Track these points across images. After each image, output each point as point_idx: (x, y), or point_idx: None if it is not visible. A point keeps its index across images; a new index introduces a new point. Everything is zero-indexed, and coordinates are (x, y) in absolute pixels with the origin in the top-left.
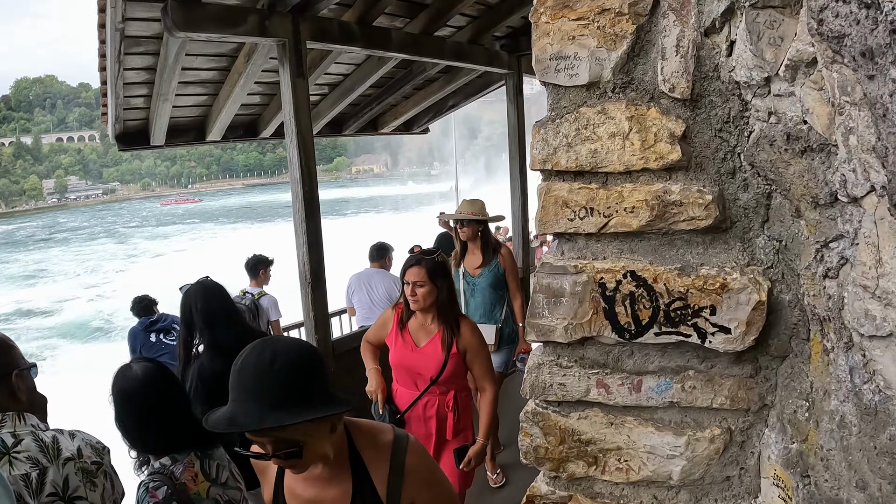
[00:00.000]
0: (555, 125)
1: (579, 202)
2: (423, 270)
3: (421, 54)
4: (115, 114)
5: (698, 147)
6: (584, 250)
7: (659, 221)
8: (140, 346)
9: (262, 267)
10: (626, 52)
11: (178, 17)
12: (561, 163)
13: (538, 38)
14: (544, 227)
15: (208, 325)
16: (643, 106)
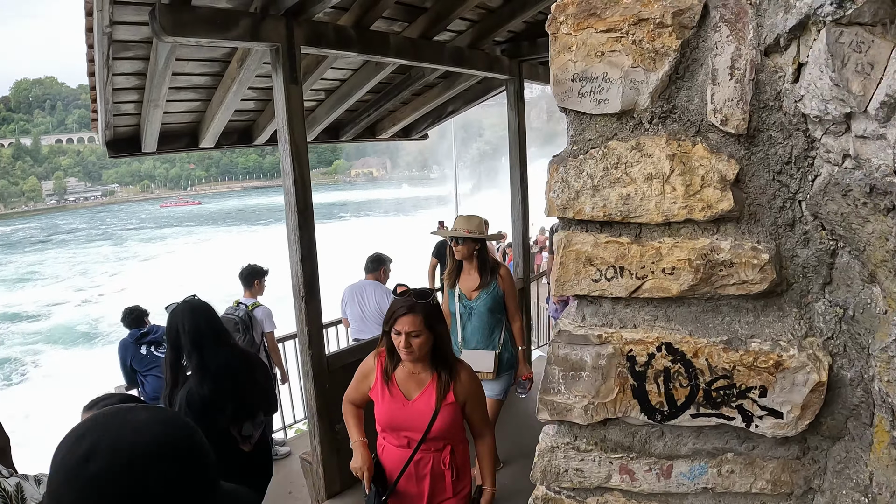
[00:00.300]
0: (577, 163)
1: (607, 259)
2: (419, 319)
3: (420, 59)
4: (105, 120)
5: (752, 193)
6: (611, 316)
7: (703, 286)
8: (131, 358)
9: (256, 277)
10: (667, 73)
11: (167, 21)
12: (585, 210)
13: (557, 52)
14: (563, 287)
15: (196, 347)
16: (688, 141)
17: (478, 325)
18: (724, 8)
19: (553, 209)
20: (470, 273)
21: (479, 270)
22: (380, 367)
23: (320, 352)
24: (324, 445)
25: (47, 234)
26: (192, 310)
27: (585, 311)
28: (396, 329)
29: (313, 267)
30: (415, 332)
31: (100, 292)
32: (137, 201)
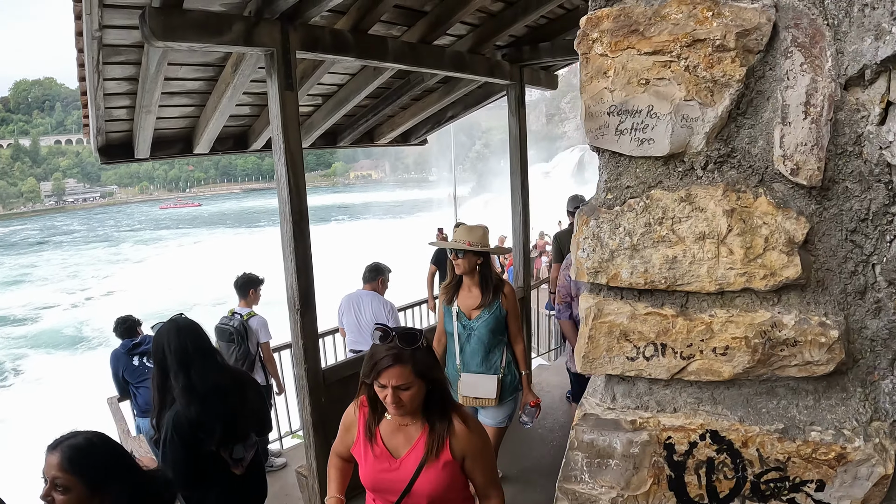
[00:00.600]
0: (612, 215)
1: (646, 334)
2: (408, 369)
3: (419, 64)
4: (96, 125)
5: (821, 256)
6: (647, 398)
7: (760, 367)
8: (122, 369)
9: (251, 287)
10: (727, 108)
11: (157, 25)
12: (621, 275)
13: (589, 78)
14: (591, 365)
15: (183, 368)
16: (749, 193)
17: (477, 346)
18: (796, 29)
19: (582, 272)
20: (470, 290)
21: (482, 287)
22: (362, 420)
23: (316, 366)
24: (319, 460)
25: (44, 235)
26: (178, 329)
27: (616, 390)
28: (381, 383)
29: (308, 279)
30: (405, 384)
31: (88, 296)
32: (136, 203)
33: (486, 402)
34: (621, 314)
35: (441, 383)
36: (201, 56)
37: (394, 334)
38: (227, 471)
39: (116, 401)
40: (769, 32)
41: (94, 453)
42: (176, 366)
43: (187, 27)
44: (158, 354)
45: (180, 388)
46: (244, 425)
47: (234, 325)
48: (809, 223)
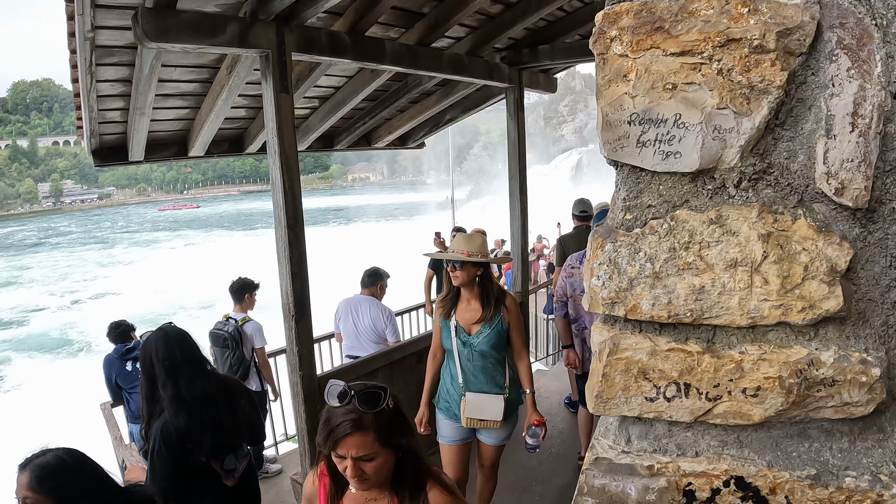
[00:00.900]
0: (631, 239)
1: (667, 373)
2: (371, 438)
3: (417, 67)
4: (90, 127)
5: (864, 285)
6: (666, 440)
7: (794, 409)
8: (115, 374)
9: (247, 291)
10: (765, 118)
11: (150, 26)
12: (641, 307)
13: (607, 81)
14: (605, 405)
15: (171, 377)
16: (787, 215)
17: (480, 364)
18: (842, 29)
19: (597, 302)
20: (470, 302)
21: (482, 300)
22: (322, 493)
23: (311, 373)
24: None
25: (40, 237)
26: (167, 338)
27: (631, 431)
28: (339, 453)
29: (304, 285)
30: (367, 455)
31: (75, 299)
32: (133, 204)
33: (491, 424)
34: (640, 350)
35: (413, 450)
36: (196, 58)
37: (353, 394)
38: (218, 482)
39: (110, 406)
40: (813, 32)
41: (65, 471)
42: (164, 376)
43: (181, 28)
44: (146, 364)
45: (168, 399)
46: (235, 436)
47: (228, 331)
48: (853, 249)
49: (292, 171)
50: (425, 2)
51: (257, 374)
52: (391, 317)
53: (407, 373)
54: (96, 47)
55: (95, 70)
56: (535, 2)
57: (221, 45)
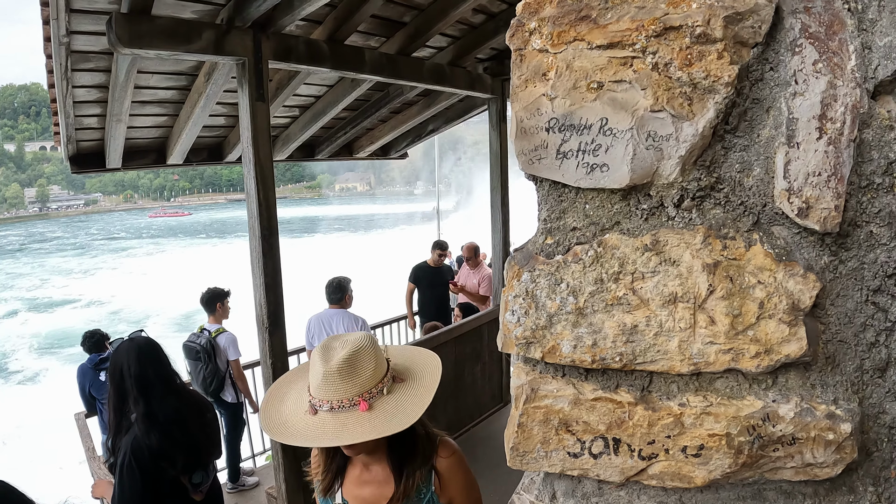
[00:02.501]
0: (552, 267)
1: (593, 426)
2: None
3: (397, 76)
4: (66, 133)
5: (833, 323)
6: (596, 500)
7: (745, 471)
8: (89, 384)
9: (217, 301)
10: (712, 122)
11: (124, 32)
12: (561, 348)
13: (523, 81)
14: (522, 459)
15: (143, 395)
16: (739, 240)
17: None
18: (806, 14)
19: (509, 342)
20: (369, 468)
21: (392, 465)
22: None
23: None
24: (289, 483)
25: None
26: (139, 352)
27: (557, 487)
28: None
29: (278, 296)
30: None
31: (12, 308)
32: (119, 211)
33: None
34: (562, 398)
35: None
36: (173, 64)
37: None
38: (185, 497)
39: (84, 417)
40: (770, 18)
41: None
42: (135, 392)
43: (155, 34)
44: (116, 376)
45: (140, 416)
46: (206, 452)
47: (201, 343)
48: (820, 282)
49: (267, 180)
50: (406, 11)
51: (232, 386)
52: (364, 324)
53: None
54: (72, 52)
55: (71, 76)
56: None
57: (197, 52)
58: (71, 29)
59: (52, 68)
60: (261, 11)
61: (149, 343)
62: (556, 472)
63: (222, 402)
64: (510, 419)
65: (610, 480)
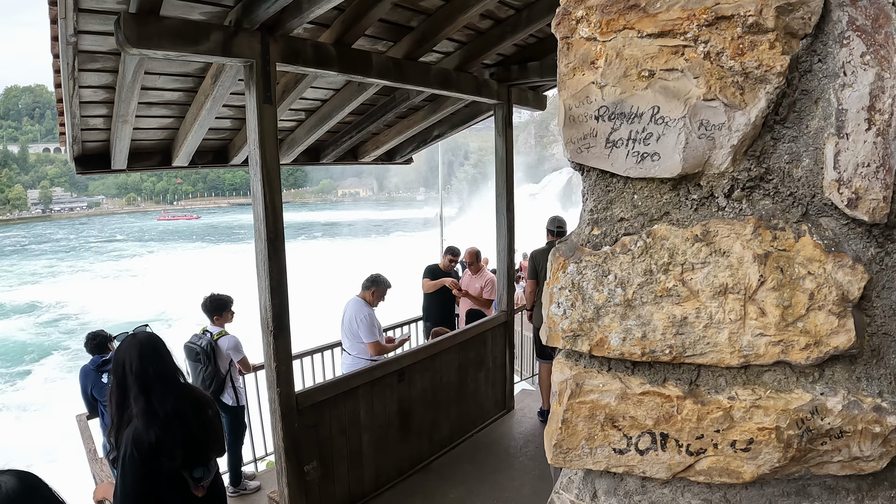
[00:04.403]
0: (599, 258)
1: (640, 421)
2: None
3: (404, 81)
4: (72, 134)
5: (879, 316)
6: (639, 498)
7: (792, 465)
8: (91, 386)
9: (223, 309)
10: (763, 112)
11: (132, 32)
12: (610, 341)
13: (571, 69)
14: (565, 456)
15: (143, 391)
16: (788, 231)
17: None
18: (853, 7)
19: (556, 335)
20: None
21: None
22: None
23: (289, 390)
24: (292, 487)
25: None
26: (141, 348)
27: (598, 485)
28: None
29: (283, 300)
30: None
31: None
32: (122, 214)
33: None
34: (608, 393)
35: None
36: (180, 66)
37: None
38: (187, 491)
39: (86, 418)
40: (819, 10)
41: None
42: (136, 388)
43: (163, 35)
44: (118, 371)
45: (140, 411)
46: (206, 449)
47: (201, 345)
48: (868, 273)
49: (273, 183)
50: (413, 15)
51: (233, 388)
52: (366, 317)
53: (387, 391)
54: (79, 52)
55: (78, 76)
56: (524, 18)
57: (204, 54)
58: (79, 28)
59: (59, 68)
60: (269, 13)
61: (151, 338)
62: (601, 469)
63: (222, 404)
64: (552, 416)
65: (656, 477)
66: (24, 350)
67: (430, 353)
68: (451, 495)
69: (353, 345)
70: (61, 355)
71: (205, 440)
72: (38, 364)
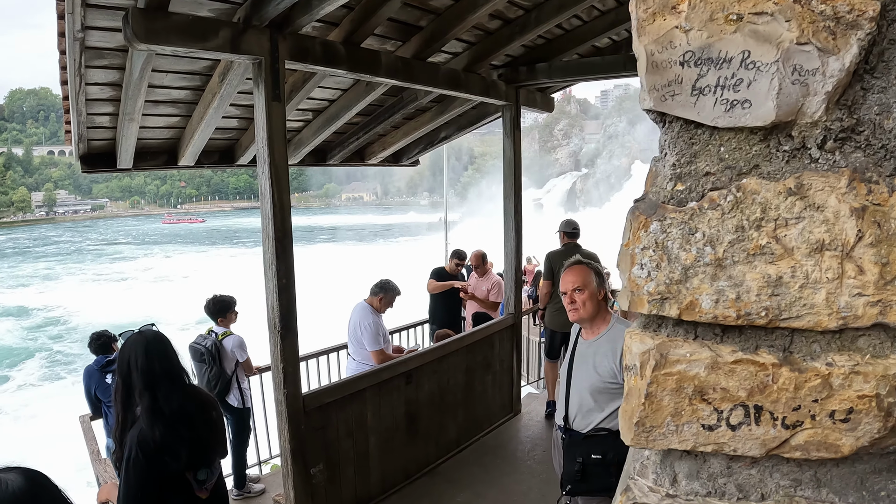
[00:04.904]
0: (685, 215)
1: (732, 392)
2: None
3: (413, 81)
4: (78, 132)
5: None
6: (724, 481)
7: (890, 437)
8: (95, 386)
9: (227, 310)
10: (854, 59)
11: (140, 28)
12: (701, 303)
13: (651, 14)
14: (649, 436)
15: (148, 388)
16: (882, 185)
17: None
18: None
19: (640, 299)
20: None
21: None
22: None
23: (296, 391)
24: (298, 490)
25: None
26: (147, 346)
27: (678, 469)
28: None
29: (290, 299)
30: None
31: None
32: (125, 217)
33: None
34: (697, 362)
35: None
36: (187, 63)
37: None
38: (190, 493)
39: (89, 419)
40: None
41: None
42: (141, 385)
43: (171, 31)
44: (123, 369)
45: (145, 408)
46: (211, 450)
47: (206, 346)
48: None
49: (282, 182)
50: (422, 15)
51: (238, 390)
52: (370, 325)
53: (395, 394)
54: (86, 48)
55: (85, 72)
56: (533, 18)
57: (213, 50)
58: (86, 24)
59: (66, 64)
60: (278, 10)
61: (157, 337)
62: (688, 448)
63: (228, 406)
64: (631, 392)
65: (747, 455)
66: (9, 354)
67: (437, 355)
68: (458, 499)
69: (358, 350)
70: (40, 360)
71: (209, 441)
72: (17, 370)
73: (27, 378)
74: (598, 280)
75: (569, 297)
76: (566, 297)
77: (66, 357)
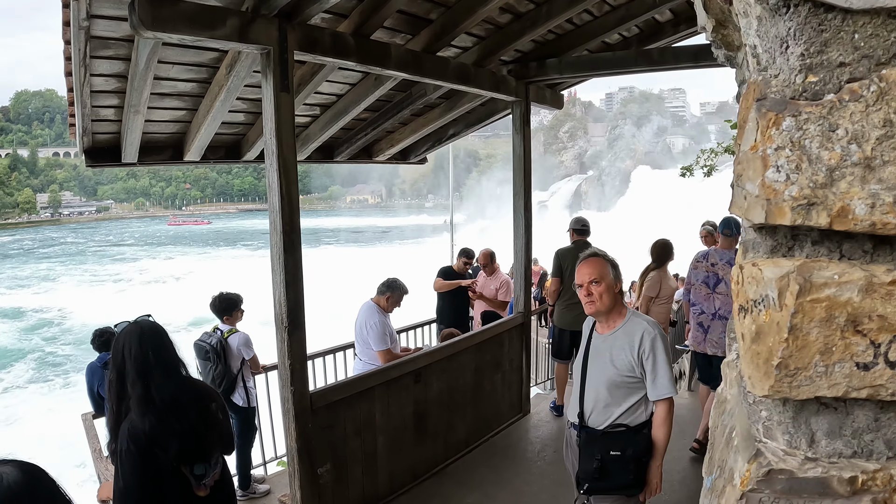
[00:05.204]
0: (822, 110)
1: (891, 320)
2: None
3: (423, 74)
4: (82, 125)
5: None
6: (871, 437)
7: None
8: (98, 383)
9: (233, 309)
10: None
11: (146, 15)
12: (854, 209)
13: None
14: (791, 381)
15: (141, 377)
16: None
17: None
18: None
19: (779, 208)
20: None
21: None
22: None
23: (303, 389)
24: (304, 490)
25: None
26: (141, 334)
27: (815, 426)
28: None
29: (298, 294)
30: None
31: None
32: (130, 219)
33: None
34: (849, 285)
35: None
36: (194, 55)
37: None
38: (189, 490)
39: (91, 417)
40: None
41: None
42: (134, 374)
43: (178, 18)
44: (117, 358)
45: (136, 398)
46: (206, 444)
47: (211, 343)
48: None
49: (290, 174)
50: (432, 7)
51: (244, 389)
52: (376, 324)
53: (403, 392)
54: (91, 38)
55: (90, 63)
56: (544, 13)
57: (220, 39)
58: (92, 12)
59: (70, 55)
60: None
61: (153, 327)
62: (837, 394)
63: (233, 405)
64: (764, 330)
65: None
66: (3, 355)
67: (446, 353)
68: (467, 500)
69: (365, 350)
70: (29, 362)
71: (204, 434)
72: (5, 371)
73: (15, 380)
74: (615, 272)
75: (585, 290)
76: (582, 289)
77: (57, 358)
